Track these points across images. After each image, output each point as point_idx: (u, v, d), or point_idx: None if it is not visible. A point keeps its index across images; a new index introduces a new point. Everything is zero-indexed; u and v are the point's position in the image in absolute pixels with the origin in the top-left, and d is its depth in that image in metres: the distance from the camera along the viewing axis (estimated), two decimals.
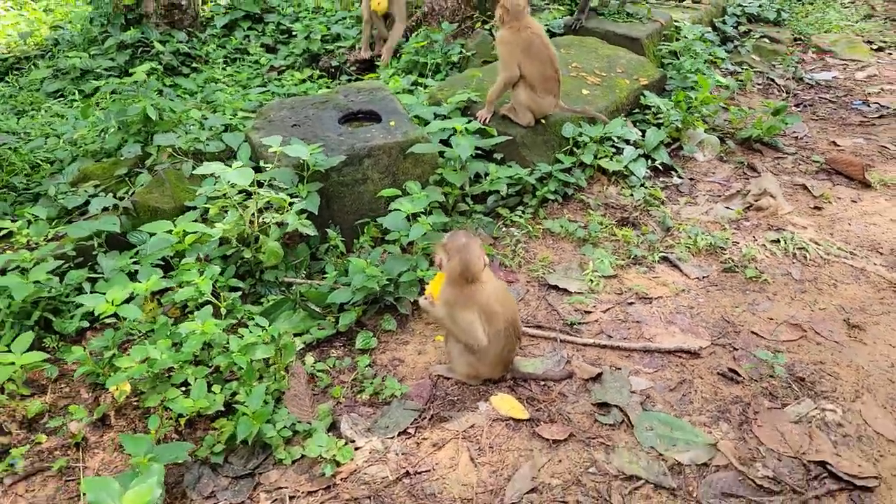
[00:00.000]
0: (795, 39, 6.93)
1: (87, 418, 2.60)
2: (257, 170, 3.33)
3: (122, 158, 3.93)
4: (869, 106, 5.30)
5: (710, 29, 6.38)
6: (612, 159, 4.22)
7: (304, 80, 5.86)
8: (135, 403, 2.67)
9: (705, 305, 3.20)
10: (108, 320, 2.90)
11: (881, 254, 3.50)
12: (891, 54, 6.48)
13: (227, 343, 2.67)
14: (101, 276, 3.07)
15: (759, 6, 7.22)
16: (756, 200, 3.92)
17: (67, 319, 3.00)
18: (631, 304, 3.25)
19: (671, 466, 2.35)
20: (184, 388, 2.56)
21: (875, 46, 6.67)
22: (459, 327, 2.59)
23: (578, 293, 3.32)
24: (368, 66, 6.01)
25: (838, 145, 4.67)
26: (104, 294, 2.61)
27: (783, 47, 6.56)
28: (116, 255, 3.15)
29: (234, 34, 6.68)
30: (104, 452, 2.51)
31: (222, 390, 2.55)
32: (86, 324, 3.00)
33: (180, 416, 2.52)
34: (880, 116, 5.10)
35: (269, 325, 2.76)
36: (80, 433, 2.54)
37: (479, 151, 4.01)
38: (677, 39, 5.85)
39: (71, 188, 3.69)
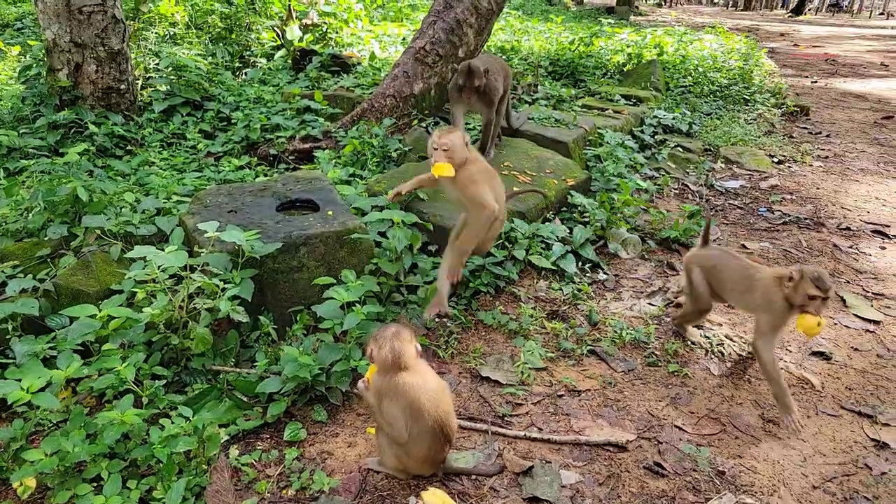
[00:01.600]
0: (706, 149, 7.58)
1: None
2: (190, 254, 3.29)
3: (45, 239, 3.81)
4: (773, 213, 5.80)
5: (629, 136, 6.92)
6: (542, 255, 4.41)
7: (241, 167, 5.89)
8: (39, 501, 2.46)
9: (631, 399, 3.30)
10: (15, 408, 2.71)
11: (790, 352, 3.75)
12: (790, 167, 7.17)
13: (147, 434, 2.54)
14: (12, 361, 2.89)
15: (673, 118, 7.92)
16: (676, 297, 4.15)
17: None
18: (560, 396, 3.31)
19: None
20: (96, 484, 2.40)
21: (776, 159, 7.37)
22: (384, 419, 2.56)
23: (510, 385, 3.36)
24: (307, 156, 6.14)
25: (747, 248, 5.05)
26: (17, 380, 2.46)
27: (695, 156, 7.16)
28: (31, 340, 2.98)
29: (172, 119, 6.70)
30: None
31: (138, 485, 2.40)
32: None
33: None
34: (783, 223, 5.58)
35: (193, 416, 2.66)
36: None
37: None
38: (601, 144, 6.31)
39: None
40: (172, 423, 2.58)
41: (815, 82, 12.96)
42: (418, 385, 2.51)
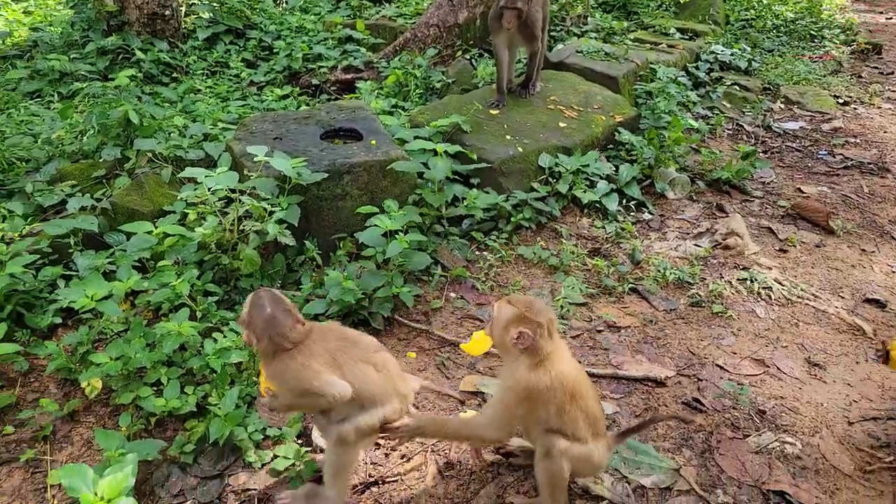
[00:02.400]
0: (765, 88, 7.22)
1: (57, 412, 2.56)
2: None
3: (100, 161, 3.91)
4: (834, 157, 5.54)
5: (683, 73, 6.63)
6: (586, 191, 4.33)
7: (284, 97, 5.89)
8: (105, 400, 2.64)
9: (672, 337, 3.29)
10: (80, 317, 2.88)
11: (842, 297, 3.65)
12: (856, 109, 6.80)
13: (202, 346, 2.67)
14: (75, 273, 3.04)
15: (731, 54, 7.53)
16: (724, 239, 4.06)
17: (40, 315, 2.96)
18: (600, 331, 3.32)
19: (635, 489, 2.39)
20: (156, 388, 2.55)
21: (841, 100, 6.99)
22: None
23: None
24: (348, 87, 6.08)
25: (803, 192, 4.87)
26: (83, 289, 2.59)
27: (753, 95, 6.84)
28: (92, 255, 3.11)
29: (215, 47, 6.69)
30: (72, 447, 2.50)
31: (195, 392, 2.55)
32: (58, 320, 2.99)
33: (151, 415, 2.52)
34: (844, 168, 5.33)
35: None
36: (49, 427, 2.51)
37: (458, 176, 4.09)
38: (652, 80, 6.06)
39: (48, 187, 3.64)
40: (225, 337, 2.69)
41: (891, 18, 12.08)
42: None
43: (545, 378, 2.03)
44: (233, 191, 3.17)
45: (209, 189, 3.16)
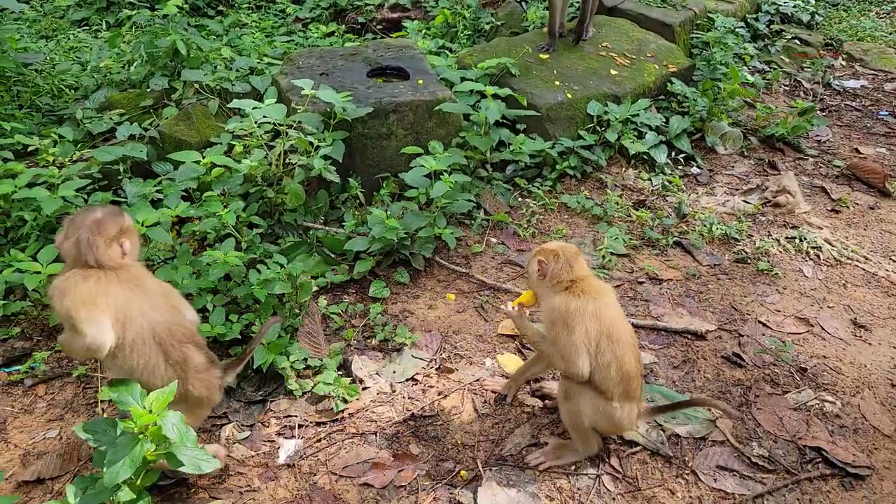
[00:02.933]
0: (827, 44, 6.87)
1: None
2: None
3: (148, 90, 3.93)
4: (895, 118, 5.28)
5: (742, 24, 6.32)
6: (634, 142, 4.22)
7: (329, 34, 5.82)
8: None
9: (715, 292, 3.24)
10: None
11: (894, 261, 3.53)
12: None
13: (246, 276, 2.71)
14: (124, 200, 3.09)
15: (794, 6, 7.15)
16: (774, 197, 3.94)
17: None
18: (641, 283, 3.28)
19: (669, 437, 2.40)
20: (202, 315, 2.60)
21: None
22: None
23: (591, 268, 3.34)
24: (395, 26, 5.96)
25: (860, 153, 4.67)
26: (133, 215, 2.64)
27: (814, 50, 6.52)
28: (140, 182, 3.16)
29: None
30: None
31: (239, 320, 2.59)
32: None
33: None
34: None
35: (287, 264, 2.80)
36: None
37: (504, 120, 4.01)
38: (709, 30, 5.80)
39: (97, 114, 3.69)
40: (268, 268, 2.73)
41: None
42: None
43: (573, 300, 2.10)
44: (279, 124, 3.17)
45: (256, 122, 3.17)
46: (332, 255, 3.21)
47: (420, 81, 3.86)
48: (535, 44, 4.85)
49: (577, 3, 5.16)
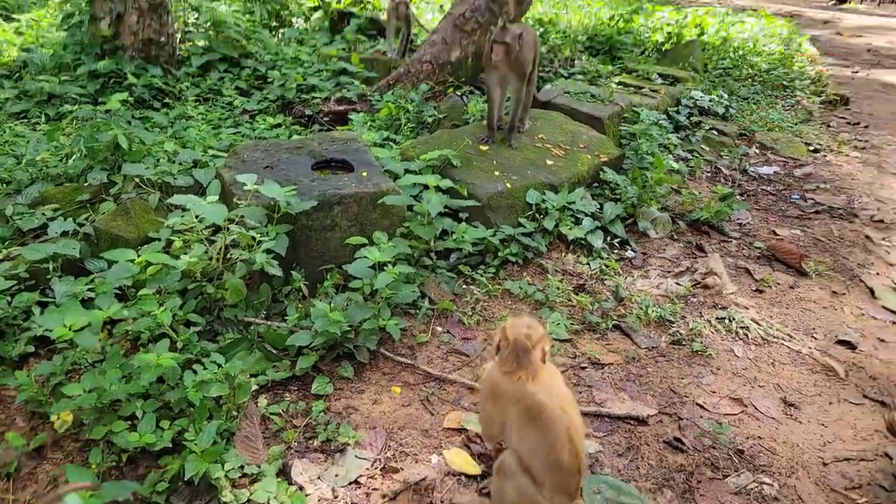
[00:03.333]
0: (741, 134, 7.44)
1: (23, 448, 2.47)
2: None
3: (85, 184, 3.89)
4: (806, 201, 5.70)
5: (665, 116, 6.80)
6: (571, 228, 4.40)
7: (276, 126, 5.93)
8: (75, 435, 2.57)
9: (654, 374, 3.32)
10: (54, 347, 2.81)
11: (815, 339, 3.73)
12: (826, 156, 7.02)
13: (181, 378, 2.62)
14: (52, 300, 2.98)
15: (710, 100, 7.76)
16: (703, 279, 4.14)
17: (11, 343, 2.89)
18: (584, 368, 3.34)
19: None
20: (131, 422, 2.49)
21: (812, 147, 7.21)
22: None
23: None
24: (341, 118, 6.15)
25: (778, 234, 5.00)
26: (61, 318, 2.54)
27: (730, 140, 7.04)
28: (71, 281, 3.06)
29: (209, 75, 6.75)
30: (36, 485, 2.40)
31: (171, 426, 2.48)
32: (31, 349, 2.89)
33: (123, 451, 2.44)
34: (816, 212, 5.49)
35: (225, 364, 2.73)
36: (13, 463, 2.42)
37: (446, 209, 4.13)
38: (636, 122, 6.21)
39: (29, 210, 3.61)
40: (205, 369, 2.65)
41: (857, 72, 12.58)
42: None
43: (508, 381, 2.16)
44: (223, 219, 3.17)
45: (197, 217, 3.16)
46: (274, 351, 3.15)
47: (364, 174, 3.96)
48: (476, 136, 5.08)
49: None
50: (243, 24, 7.40)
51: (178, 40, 6.85)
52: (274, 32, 8.66)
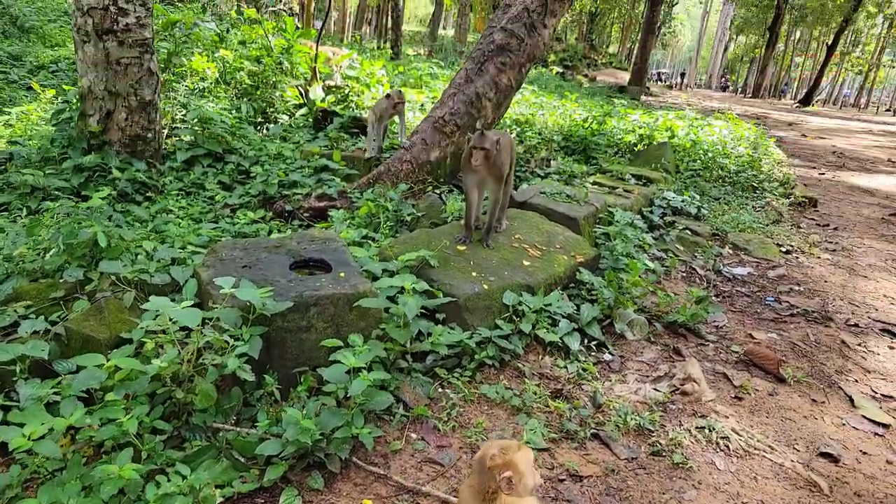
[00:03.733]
0: (714, 234, 7.66)
1: None
2: (201, 307, 3.32)
3: (60, 281, 3.85)
4: (780, 304, 5.80)
5: (639, 216, 7.01)
6: (549, 330, 4.41)
7: (256, 221, 6.00)
8: None
9: (634, 489, 3.24)
10: (12, 455, 2.68)
11: (797, 450, 3.68)
12: (798, 258, 7.22)
13: (143, 491, 2.51)
14: (16, 404, 2.88)
15: (682, 201, 8.05)
16: (682, 385, 4.12)
17: None
18: (562, 480, 3.25)
19: None
20: None
21: (784, 249, 7.43)
22: None
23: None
24: (321, 214, 6.24)
25: (755, 338, 5.04)
26: (20, 425, 2.45)
27: (703, 240, 7.24)
28: (37, 384, 2.96)
29: (193, 169, 6.87)
30: None
31: None
32: None
33: None
34: (791, 315, 5.58)
35: (191, 474, 2.62)
36: None
37: (424, 310, 4.14)
38: (611, 223, 6.39)
39: (0, 307, 3.54)
40: (169, 480, 2.54)
41: (823, 174, 13.19)
42: None
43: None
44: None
45: (170, 319, 3.12)
46: (242, 460, 3.03)
47: (342, 274, 3.97)
48: (453, 235, 5.17)
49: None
50: (229, 121, 7.63)
51: (164, 136, 7.02)
52: (259, 128, 8.93)
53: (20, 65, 11.05)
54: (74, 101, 6.65)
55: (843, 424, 3.98)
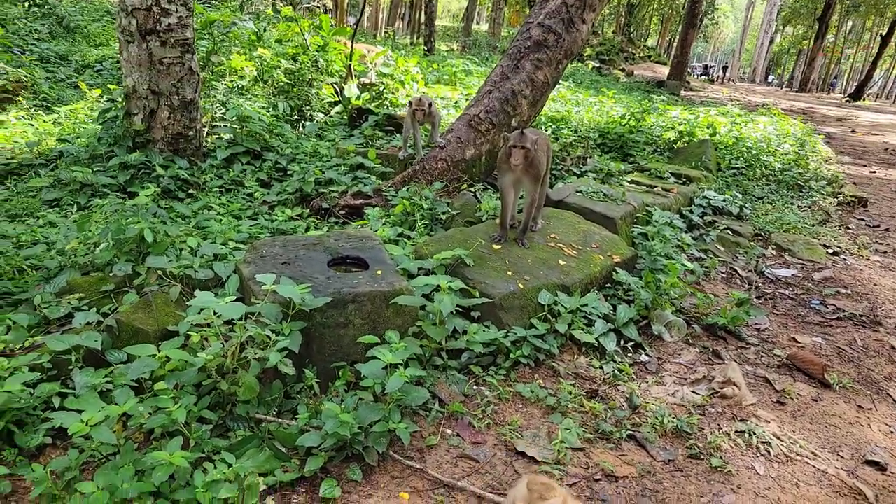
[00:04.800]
0: (756, 234, 7.50)
1: None
2: (243, 301, 3.41)
3: (110, 275, 3.99)
4: (826, 307, 5.65)
5: (678, 216, 6.91)
6: (584, 331, 4.39)
7: (293, 218, 6.11)
8: None
9: (671, 491, 3.21)
10: (71, 439, 2.82)
11: (841, 457, 3.60)
12: (845, 259, 7.01)
13: (191, 477, 2.60)
14: (72, 391, 3.02)
15: (724, 200, 7.89)
16: (721, 388, 4.06)
17: (31, 433, 2.92)
18: (597, 480, 3.25)
19: None
20: None
21: (831, 250, 7.22)
22: None
23: (545, 462, 3.31)
24: (357, 212, 6.32)
25: (798, 342, 4.93)
26: (78, 411, 2.57)
27: (745, 240, 7.09)
28: (91, 372, 3.11)
29: (232, 167, 7.03)
30: None
31: None
32: (48, 440, 2.91)
33: None
34: (837, 318, 5.43)
35: (235, 463, 2.70)
36: None
37: (459, 308, 4.16)
38: (648, 222, 6.32)
39: (56, 298, 3.70)
40: (215, 468, 2.63)
41: (875, 172, 12.74)
42: None
43: None
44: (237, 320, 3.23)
45: (215, 313, 3.22)
46: (283, 450, 3.11)
47: (378, 272, 4.03)
48: (489, 234, 5.18)
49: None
50: (266, 119, 7.77)
51: (204, 134, 7.19)
52: (295, 126, 9.07)
53: (67, 64, 11.43)
54: (120, 100, 6.86)
55: (891, 432, 3.87)
